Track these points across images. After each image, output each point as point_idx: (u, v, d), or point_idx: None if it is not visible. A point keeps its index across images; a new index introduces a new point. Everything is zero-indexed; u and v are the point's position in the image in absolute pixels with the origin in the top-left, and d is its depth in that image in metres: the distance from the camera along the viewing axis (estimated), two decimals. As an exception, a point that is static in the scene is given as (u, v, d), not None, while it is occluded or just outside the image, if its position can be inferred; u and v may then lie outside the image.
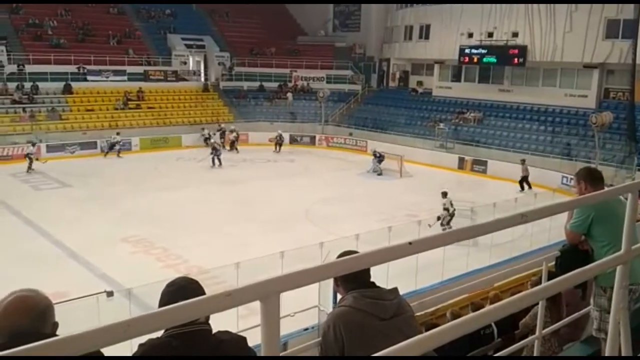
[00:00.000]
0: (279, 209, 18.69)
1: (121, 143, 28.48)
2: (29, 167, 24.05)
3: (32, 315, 1.81)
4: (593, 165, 16.96)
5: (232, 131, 30.77)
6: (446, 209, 16.61)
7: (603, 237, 3.43)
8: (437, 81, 34.06)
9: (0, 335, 1.79)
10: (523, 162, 23.24)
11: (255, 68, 37.67)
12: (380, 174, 25.21)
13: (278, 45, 39.55)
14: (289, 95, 36.35)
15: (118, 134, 28.87)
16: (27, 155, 24.42)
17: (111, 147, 28.28)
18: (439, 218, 16.46)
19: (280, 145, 30.76)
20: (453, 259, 11.81)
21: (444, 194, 16.98)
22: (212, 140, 28.12)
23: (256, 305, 1.26)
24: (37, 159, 24.47)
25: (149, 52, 35.99)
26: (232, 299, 1.15)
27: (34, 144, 25.18)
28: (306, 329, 9.11)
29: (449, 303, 6.65)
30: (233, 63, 37.93)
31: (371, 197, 21.17)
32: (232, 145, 30.17)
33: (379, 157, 25.65)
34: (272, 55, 38.71)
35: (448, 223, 16.36)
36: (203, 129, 30.77)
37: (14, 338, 1.73)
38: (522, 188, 22.54)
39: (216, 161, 26.43)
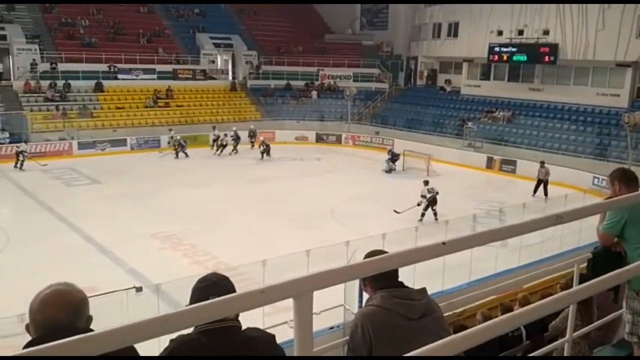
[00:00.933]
0: (305, 208, 18.73)
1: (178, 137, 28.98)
2: (19, 165, 23.85)
3: (68, 309, 1.84)
4: (626, 166, 16.60)
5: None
6: (423, 196, 17.71)
7: (637, 239, 3.37)
8: (465, 79, 33.73)
9: (37, 328, 1.83)
10: (542, 164, 22.24)
11: (282, 66, 37.81)
12: (388, 172, 25.06)
13: (305, 44, 39.62)
14: (314, 93, 36.36)
15: (171, 129, 29.26)
16: (21, 153, 24.10)
17: (179, 145, 28.51)
18: (418, 204, 17.65)
19: (264, 153, 27.69)
20: (481, 260, 11.68)
21: (426, 182, 18.20)
22: (177, 137, 28.19)
23: (281, 303, 1.26)
24: (29, 159, 24.29)
25: (178, 51, 36.42)
26: (266, 296, 1.16)
27: (26, 142, 25.30)
28: (332, 328, 9.10)
29: (477, 304, 6.57)
30: (260, 62, 38.14)
31: (398, 196, 21.03)
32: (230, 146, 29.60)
33: (392, 157, 25.48)
34: (299, 54, 38.79)
35: (426, 209, 17.64)
36: (214, 127, 30.46)
37: (50, 331, 1.76)
38: (536, 191, 21.43)
39: (181, 154, 27.49)
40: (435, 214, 17.67)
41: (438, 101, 34.10)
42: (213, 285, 2.15)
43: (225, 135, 29.44)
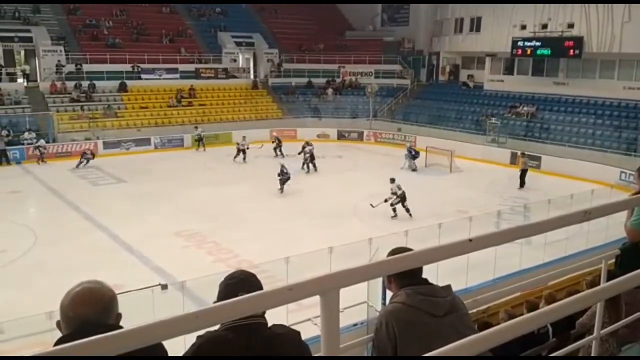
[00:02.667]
0: (327, 205, 18.74)
1: (204, 134, 29.60)
2: (41, 159, 25.37)
3: (98, 307, 1.88)
4: (654, 161, 16.28)
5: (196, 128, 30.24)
6: (394, 193, 17.80)
7: (666, 235, 3.31)
8: (488, 74, 33.36)
9: (68, 325, 1.86)
10: (523, 154, 22.63)
11: (303, 64, 37.87)
12: (414, 170, 24.91)
13: (326, 41, 39.61)
14: (329, 92, 36.21)
15: (196, 127, 29.87)
16: (37, 148, 25.57)
17: (199, 140, 29.41)
18: (386, 200, 17.73)
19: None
20: (505, 257, 11.56)
21: (392, 180, 18.21)
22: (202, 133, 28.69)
23: (305, 300, 1.27)
24: (43, 160, 25.48)
25: (200, 50, 36.71)
26: (294, 293, 1.17)
27: (45, 139, 26.23)
28: (355, 325, 9.11)
29: (502, 301, 6.51)
30: (282, 60, 38.23)
31: (420, 193, 20.92)
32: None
33: (413, 155, 25.27)
34: (320, 51, 38.79)
35: (397, 203, 17.77)
36: (196, 127, 30.32)
37: (81, 328, 1.79)
38: (523, 184, 21.94)
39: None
40: (407, 210, 17.78)
41: (460, 97, 33.79)
42: (241, 282, 2.17)
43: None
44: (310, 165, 24.67)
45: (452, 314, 2.39)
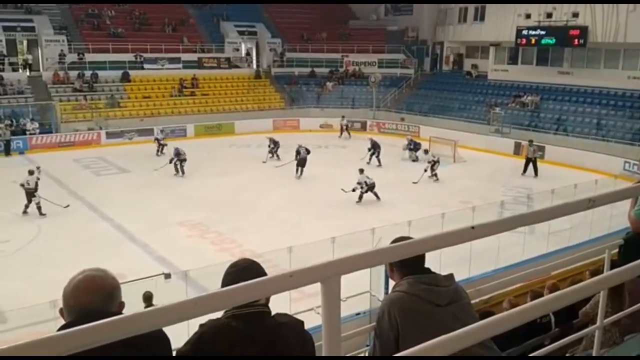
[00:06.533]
0: (330, 195, 18.72)
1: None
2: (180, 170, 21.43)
3: (101, 294, 1.87)
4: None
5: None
6: (359, 183, 18.34)
7: (671, 224, 3.29)
8: (492, 64, 33.17)
9: (70, 312, 1.86)
10: (531, 142, 22.73)
11: (306, 53, 37.70)
12: (415, 160, 24.83)
13: (329, 30, 39.38)
14: (328, 84, 36.01)
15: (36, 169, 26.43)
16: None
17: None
18: (353, 190, 18.28)
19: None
20: (508, 247, 11.57)
21: (361, 171, 18.74)
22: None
23: (308, 289, 1.26)
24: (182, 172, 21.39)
25: (203, 40, 36.58)
26: (295, 279, 1.17)
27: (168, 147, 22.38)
28: (358, 314, 9.14)
29: (505, 291, 6.50)
30: (284, 49, 38.08)
31: (423, 183, 20.93)
32: None
33: (414, 147, 25.15)
34: (323, 41, 38.58)
35: (366, 192, 18.36)
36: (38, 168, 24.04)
37: (83, 316, 1.77)
38: (526, 170, 22.20)
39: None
40: (375, 195, 18.49)
41: (464, 86, 33.65)
42: (243, 270, 2.16)
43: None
44: (375, 159, 24.25)
45: (454, 303, 2.38)
